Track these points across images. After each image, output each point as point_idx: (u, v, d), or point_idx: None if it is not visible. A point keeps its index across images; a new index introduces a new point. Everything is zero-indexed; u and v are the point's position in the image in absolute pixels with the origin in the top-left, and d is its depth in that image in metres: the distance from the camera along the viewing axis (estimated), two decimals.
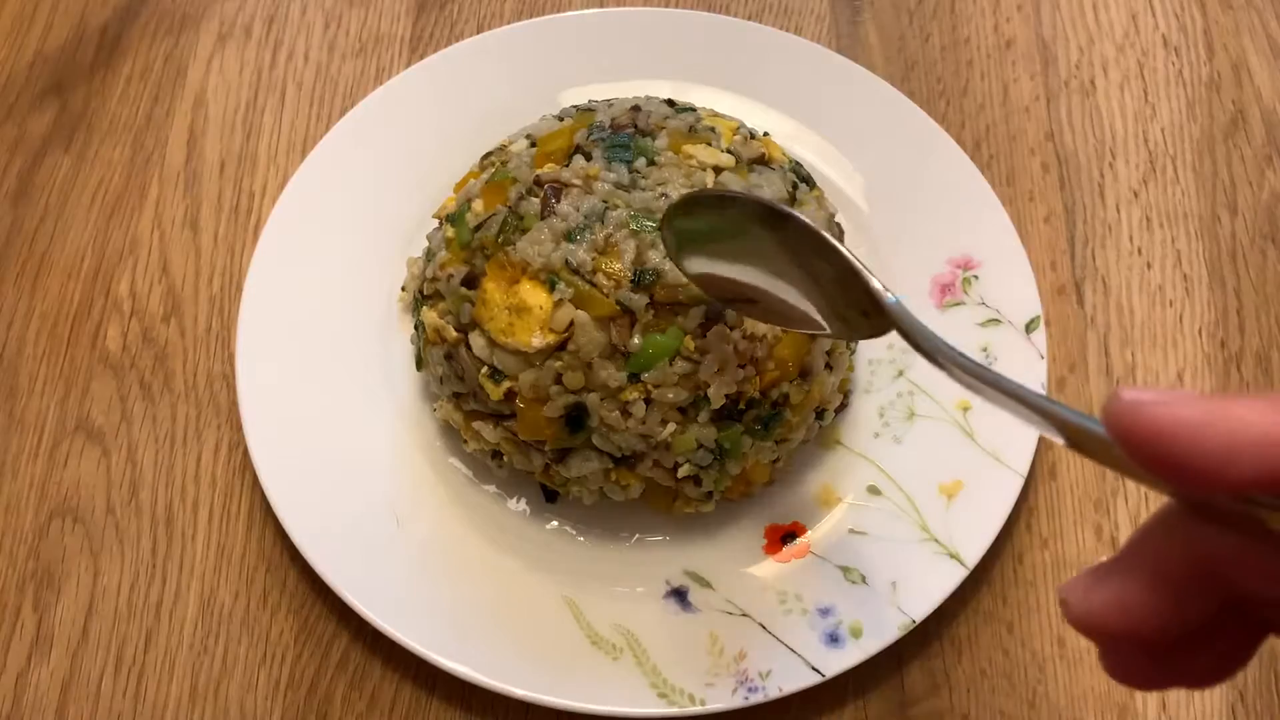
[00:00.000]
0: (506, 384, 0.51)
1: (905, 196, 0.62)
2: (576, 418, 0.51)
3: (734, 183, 0.52)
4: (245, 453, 0.56)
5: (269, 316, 0.58)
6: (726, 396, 0.50)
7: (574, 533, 0.55)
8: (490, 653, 0.51)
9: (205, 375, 0.60)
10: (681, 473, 0.51)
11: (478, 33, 0.69)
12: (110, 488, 0.57)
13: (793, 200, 0.54)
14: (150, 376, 0.60)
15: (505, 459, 0.54)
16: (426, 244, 0.57)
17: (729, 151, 0.54)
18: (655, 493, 0.54)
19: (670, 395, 0.50)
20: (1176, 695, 0.53)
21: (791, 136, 0.61)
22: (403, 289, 0.60)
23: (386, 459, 0.56)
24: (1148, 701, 0.53)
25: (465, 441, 0.54)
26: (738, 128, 0.56)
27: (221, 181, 0.66)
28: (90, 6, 0.72)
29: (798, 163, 0.57)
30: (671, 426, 0.50)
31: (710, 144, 0.54)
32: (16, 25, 0.71)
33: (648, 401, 0.50)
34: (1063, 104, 0.69)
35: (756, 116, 0.63)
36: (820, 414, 0.55)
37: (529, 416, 0.51)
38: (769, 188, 0.53)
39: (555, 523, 0.55)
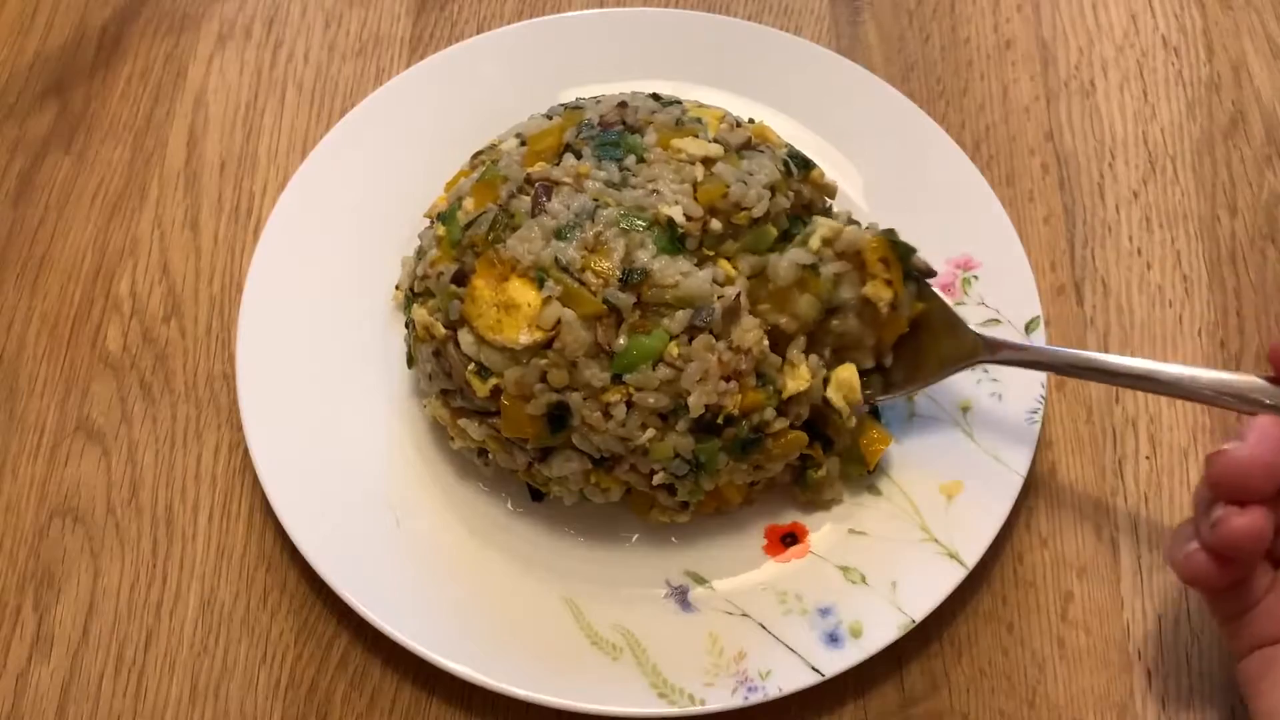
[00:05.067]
0: (493, 381, 0.51)
1: (905, 197, 0.62)
2: (559, 417, 0.51)
3: (726, 171, 0.52)
4: (245, 453, 0.56)
5: (269, 316, 0.58)
6: (706, 407, 0.50)
7: (573, 532, 0.55)
8: (490, 653, 0.51)
9: (205, 375, 0.60)
10: (656, 480, 0.51)
11: (478, 33, 0.69)
12: (110, 488, 0.57)
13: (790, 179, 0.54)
14: (150, 376, 0.60)
15: (491, 457, 0.54)
16: (419, 242, 0.57)
17: (716, 141, 0.54)
18: (634, 498, 0.54)
19: (651, 400, 0.50)
20: (1176, 696, 0.53)
21: (791, 136, 0.61)
22: (397, 287, 0.60)
23: (386, 459, 0.56)
24: (1148, 702, 0.53)
25: (452, 439, 0.54)
26: (723, 116, 0.56)
27: (221, 182, 0.66)
28: (90, 6, 0.72)
29: (793, 147, 0.57)
30: (650, 432, 0.50)
31: (697, 135, 0.54)
32: (16, 25, 0.71)
33: (629, 404, 0.50)
34: (1062, 104, 0.69)
35: (757, 116, 0.63)
36: (801, 474, 0.55)
37: (512, 414, 0.51)
38: (761, 171, 0.53)
39: (554, 523, 0.55)
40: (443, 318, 0.52)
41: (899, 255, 0.53)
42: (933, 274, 0.55)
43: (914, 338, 0.55)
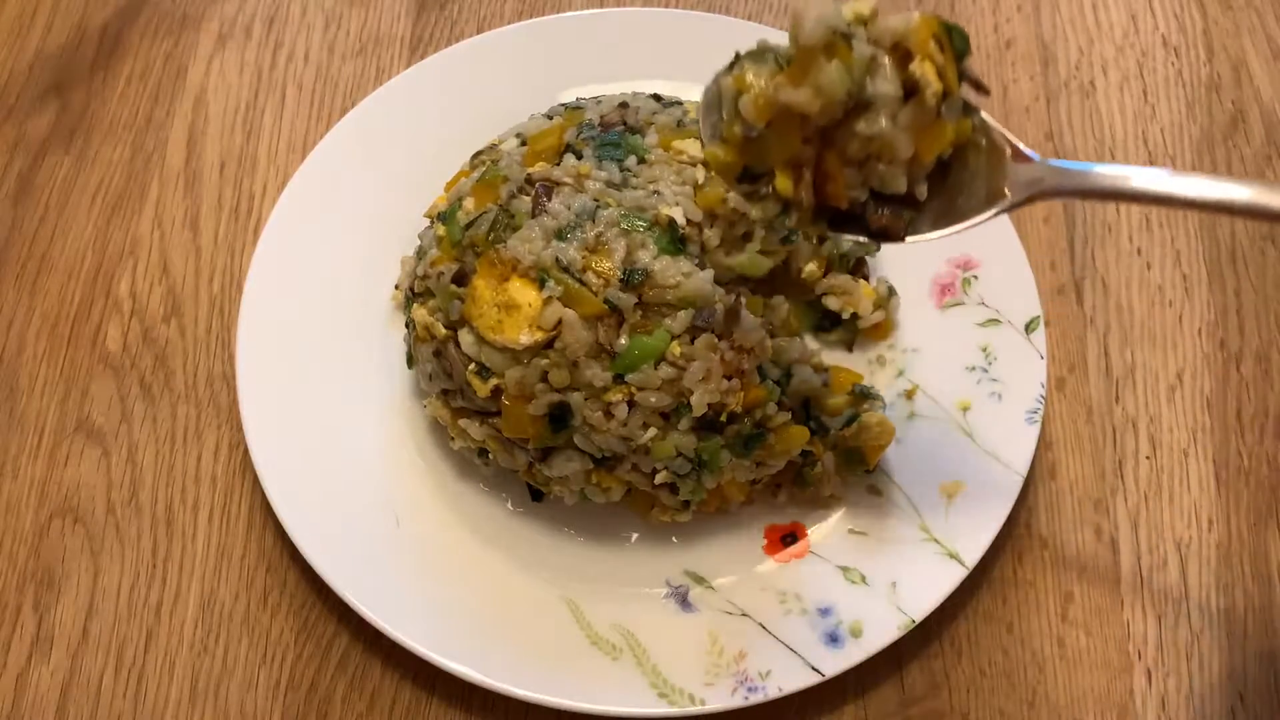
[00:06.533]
0: (493, 381, 0.51)
1: None
2: (560, 416, 0.51)
3: None
4: (245, 453, 0.56)
5: (269, 316, 0.58)
6: (708, 406, 0.50)
7: (573, 532, 0.55)
8: (490, 653, 0.51)
9: (205, 375, 0.60)
10: (658, 479, 0.51)
11: (478, 33, 0.69)
12: (110, 488, 0.57)
13: None
14: (150, 376, 0.60)
15: (491, 457, 0.54)
16: (419, 242, 0.57)
17: None
18: (635, 497, 0.54)
19: (653, 399, 0.50)
20: (1176, 696, 0.53)
21: None
22: (396, 287, 0.60)
23: (386, 459, 0.56)
24: (1148, 702, 0.53)
25: (452, 439, 0.54)
26: None
27: (221, 182, 0.66)
28: (90, 6, 0.72)
29: None
30: (652, 431, 0.50)
31: (699, 137, 0.54)
32: (16, 25, 0.71)
33: (630, 404, 0.50)
34: (1063, 104, 0.69)
35: None
36: (799, 474, 0.55)
37: (514, 414, 0.51)
38: None
39: (554, 523, 0.55)
40: (443, 318, 0.52)
41: (954, 46, 0.42)
42: (986, 90, 0.43)
43: (953, 168, 0.44)
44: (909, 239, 0.44)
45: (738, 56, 0.43)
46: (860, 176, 0.42)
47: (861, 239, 0.44)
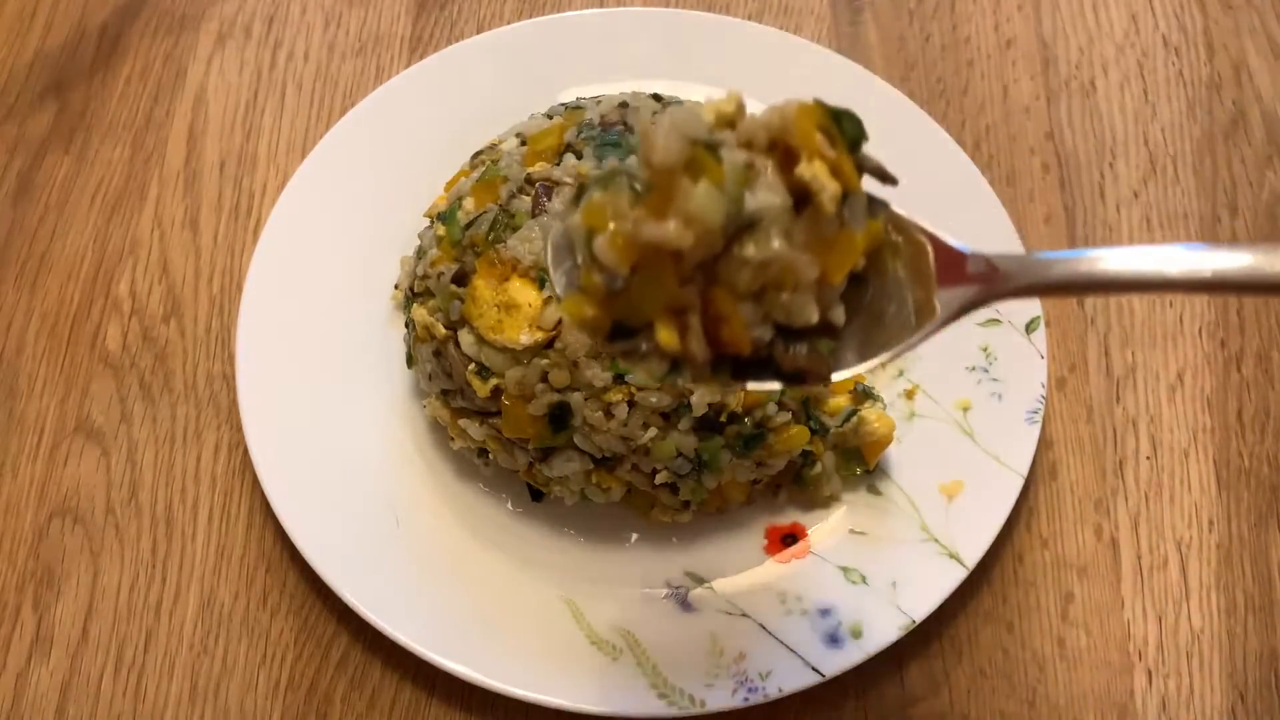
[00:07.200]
0: (493, 381, 0.51)
1: (905, 197, 0.62)
2: (560, 416, 0.51)
3: None
4: (245, 453, 0.56)
5: (269, 316, 0.58)
6: (708, 406, 0.50)
7: (573, 532, 0.55)
8: (490, 653, 0.51)
9: (205, 375, 0.60)
10: (659, 479, 0.51)
11: (478, 33, 0.69)
12: (110, 488, 0.57)
13: None
14: (150, 376, 0.60)
15: (491, 457, 0.54)
16: (418, 242, 0.57)
17: None
18: (635, 497, 0.54)
19: (653, 399, 0.49)
20: (1176, 696, 0.53)
21: None
22: (396, 287, 0.60)
23: (386, 459, 0.56)
24: (1148, 702, 0.53)
25: (452, 439, 0.54)
26: None
27: (221, 181, 0.66)
28: (90, 6, 0.72)
29: None
30: (652, 431, 0.50)
31: None
32: (16, 25, 0.71)
33: (630, 404, 0.50)
34: (1063, 104, 0.69)
35: None
36: (798, 474, 0.55)
37: (514, 414, 0.51)
38: None
39: (554, 523, 0.55)
40: (443, 318, 0.52)
41: (845, 135, 0.35)
42: (893, 180, 0.37)
43: (870, 278, 0.37)
44: (835, 375, 0.36)
45: (582, 187, 0.35)
46: (760, 312, 0.34)
47: (777, 386, 0.36)
